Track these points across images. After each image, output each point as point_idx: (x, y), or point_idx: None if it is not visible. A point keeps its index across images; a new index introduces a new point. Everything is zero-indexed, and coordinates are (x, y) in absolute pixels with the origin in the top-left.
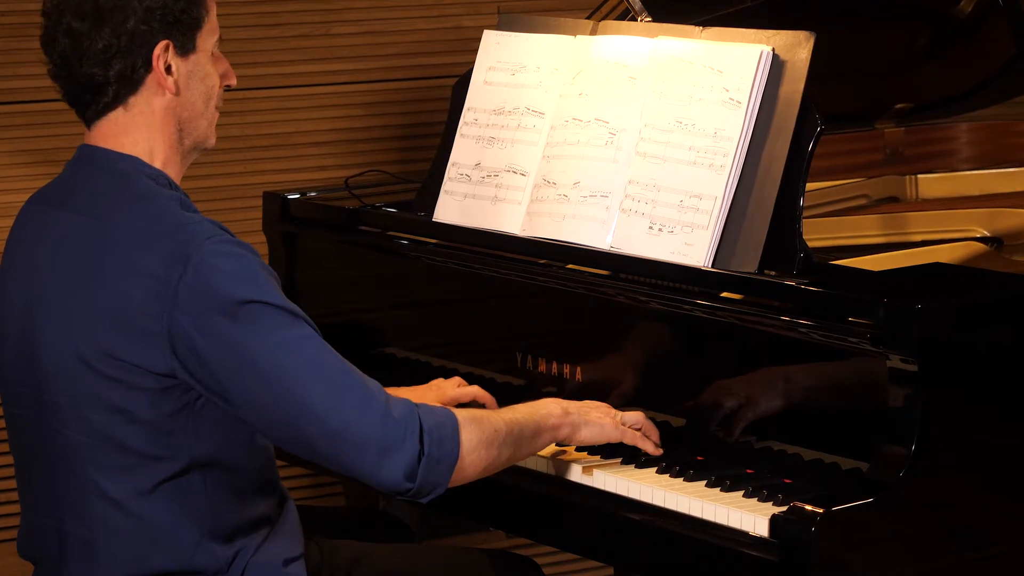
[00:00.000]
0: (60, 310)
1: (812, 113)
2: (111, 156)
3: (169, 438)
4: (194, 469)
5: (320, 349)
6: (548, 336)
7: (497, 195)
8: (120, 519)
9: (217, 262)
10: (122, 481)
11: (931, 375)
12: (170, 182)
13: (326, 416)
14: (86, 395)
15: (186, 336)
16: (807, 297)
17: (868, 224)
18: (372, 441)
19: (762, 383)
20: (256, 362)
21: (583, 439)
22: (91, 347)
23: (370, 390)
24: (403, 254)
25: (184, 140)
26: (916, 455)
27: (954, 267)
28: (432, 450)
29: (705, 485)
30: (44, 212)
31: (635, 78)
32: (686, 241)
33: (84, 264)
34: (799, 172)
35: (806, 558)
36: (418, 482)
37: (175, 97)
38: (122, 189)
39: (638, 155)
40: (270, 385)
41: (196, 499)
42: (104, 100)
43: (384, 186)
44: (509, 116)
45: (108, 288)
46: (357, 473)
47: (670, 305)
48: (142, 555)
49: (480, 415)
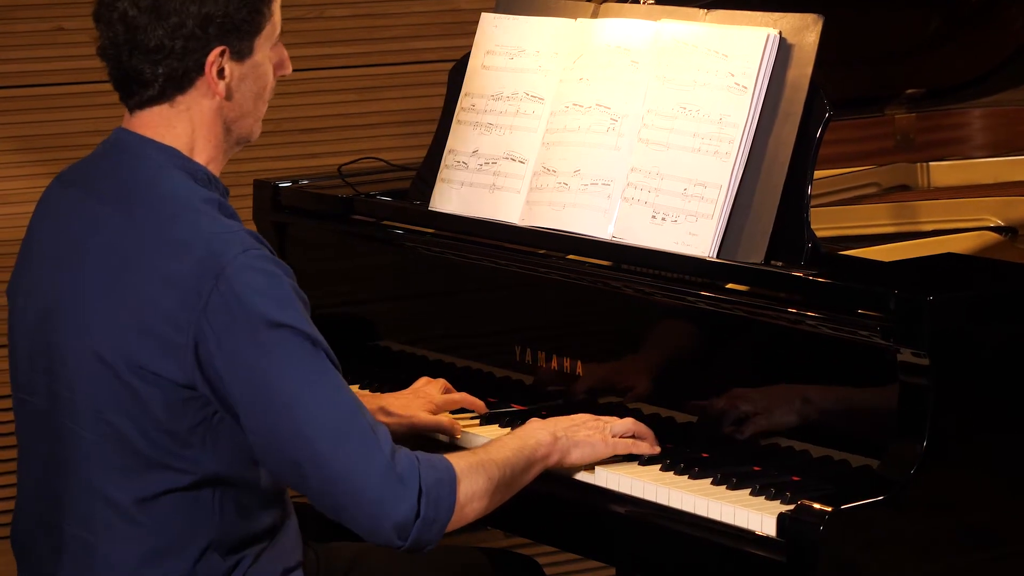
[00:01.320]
0: (85, 306)
1: (820, 98)
2: (149, 146)
3: (184, 450)
4: (205, 484)
5: (336, 388)
6: (548, 329)
7: (495, 183)
8: (123, 524)
9: (250, 278)
10: (128, 486)
11: (943, 369)
12: (209, 176)
13: (328, 459)
14: (103, 395)
15: (210, 349)
16: (815, 289)
17: (878, 213)
18: (369, 495)
19: (769, 377)
20: (270, 389)
21: (573, 462)
22: (113, 349)
23: (377, 440)
24: (398, 244)
25: (230, 138)
26: (928, 452)
27: (967, 258)
28: (428, 512)
29: (710, 483)
30: (74, 197)
31: (638, 62)
32: (690, 231)
33: (113, 262)
34: (807, 159)
35: (814, 558)
36: (410, 542)
37: (224, 101)
38: (157, 186)
39: (641, 142)
40: (277, 415)
41: (204, 512)
42: (148, 94)
43: (379, 174)
44: (508, 101)
45: (135, 292)
46: (348, 521)
47: (674, 297)
48: (141, 563)
49: (478, 463)
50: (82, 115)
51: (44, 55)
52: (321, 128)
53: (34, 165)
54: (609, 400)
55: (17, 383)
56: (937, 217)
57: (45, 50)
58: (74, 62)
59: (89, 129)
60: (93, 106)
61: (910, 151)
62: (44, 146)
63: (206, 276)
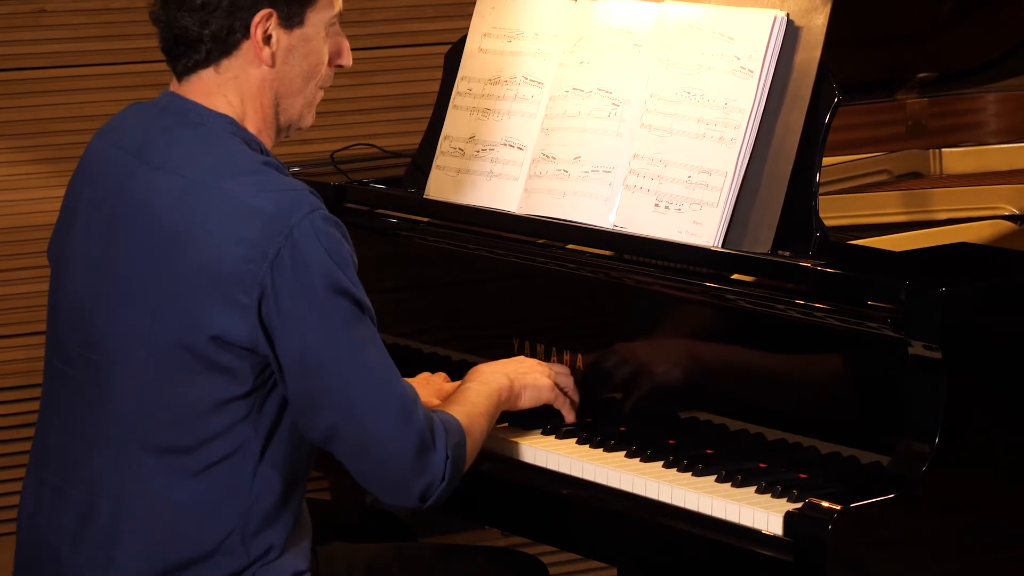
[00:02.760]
0: (140, 272)
1: (829, 82)
2: (203, 111)
3: (231, 417)
4: (246, 454)
5: (380, 354)
6: (547, 321)
7: (492, 170)
8: (154, 498)
9: (318, 239)
10: (170, 459)
11: (956, 363)
12: (262, 147)
13: (368, 424)
14: (154, 362)
15: (271, 304)
16: (824, 279)
17: (889, 201)
18: (405, 461)
19: (776, 371)
20: (319, 351)
21: (522, 406)
22: (172, 314)
23: (415, 406)
24: (392, 233)
25: (279, 117)
26: (940, 448)
27: (981, 247)
28: (452, 475)
29: (715, 480)
30: (125, 161)
31: (640, 45)
32: (694, 219)
33: (173, 224)
34: (815, 146)
35: (822, 557)
36: (429, 502)
37: (271, 69)
38: (217, 150)
39: (643, 128)
40: (323, 377)
41: (239, 486)
42: (196, 57)
43: (372, 161)
44: (505, 86)
45: (198, 253)
46: (373, 483)
47: (677, 288)
48: (163, 540)
49: (470, 419)
50: (65, 99)
51: (27, 38)
52: None
53: (13, 152)
54: (611, 396)
55: (55, 349)
56: (950, 205)
57: (28, 32)
58: (57, 45)
59: (73, 114)
60: (76, 90)
61: (922, 137)
62: (26, 132)
63: (275, 235)
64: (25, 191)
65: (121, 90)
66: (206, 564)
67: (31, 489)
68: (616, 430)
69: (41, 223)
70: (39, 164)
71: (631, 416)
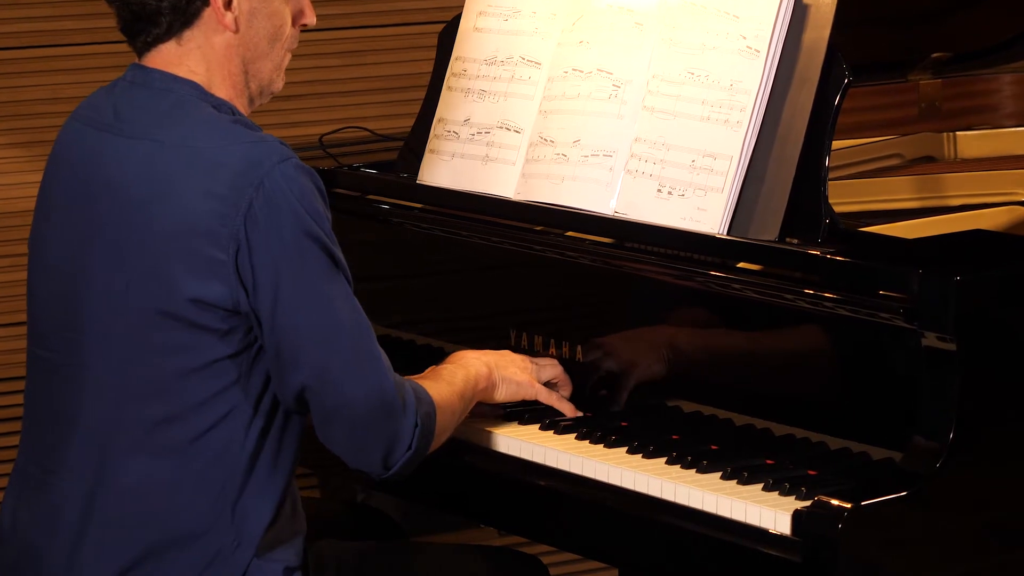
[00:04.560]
0: (114, 243)
1: (839, 63)
2: (169, 79)
3: (219, 381)
4: (236, 419)
5: (353, 310)
6: (545, 311)
7: (488, 154)
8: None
9: (288, 188)
10: (153, 434)
11: (971, 355)
12: (233, 110)
13: (338, 382)
14: (137, 336)
15: (246, 257)
16: (833, 268)
17: (901, 186)
18: (373, 422)
19: (783, 364)
20: (291, 302)
21: (499, 398)
22: (148, 280)
23: (386, 368)
24: (384, 220)
25: (250, 83)
26: (954, 444)
27: (997, 234)
28: (420, 444)
29: (720, 477)
30: (97, 137)
31: (642, 24)
32: (699, 205)
33: (147, 188)
34: (824, 129)
35: (832, 558)
36: (392, 472)
37: (235, 35)
38: (187, 114)
39: (645, 110)
40: (294, 331)
41: (228, 457)
42: (156, 31)
43: (363, 144)
44: (502, 66)
45: (170, 215)
46: (338, 444)
47: (680, 277)
48: (152, 518)
49: (445, 397)
50: (43, 81)
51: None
52: (301, 95)
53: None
54: (613, 389)
55: (35, 338)
56: (964, 191)
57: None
58: (33, 24)
59: (52, 96)
60: (54, 71)
61: (936, 120)
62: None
63: (246, 186)
64: (1, 176)
65: (100, 71)
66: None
67: (14, 486)
68: (617, 425)
69: (17, 210)
70: (16, 148)
71: (632, 411)
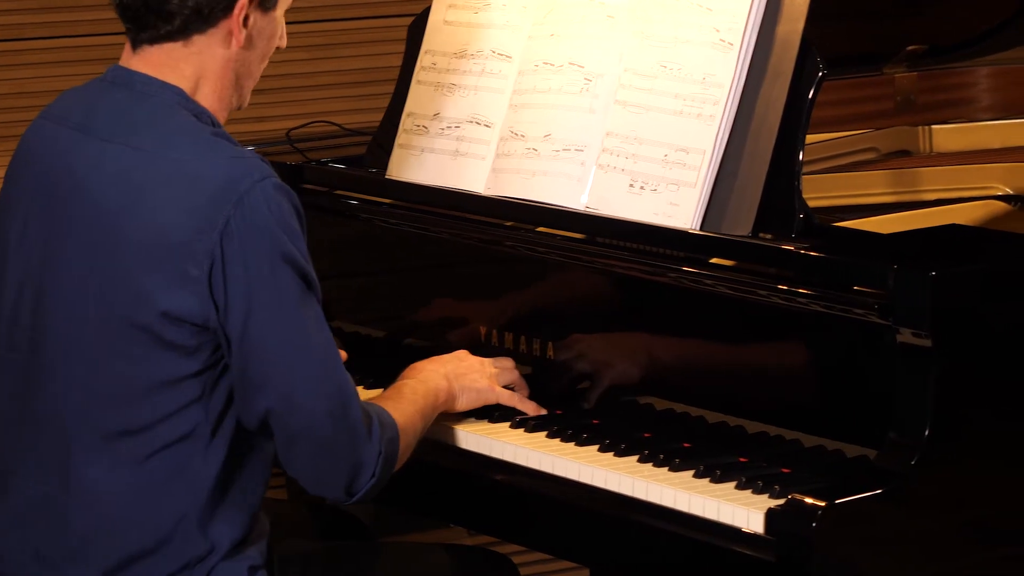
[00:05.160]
0: (85, 249)
1: (813, 56)
2: (152, 83)
3: (182, 397)
4: (197, 437)
5: (324, 337)
6: (515, 308)
7: (458, 149)
8: (100, 487)
9: (268, 207)
10: (116, 444)
11: (947, 351)
12: (213, 120)
13: (304, 409)
14: (102, 344)
15: (220, 273)
16: (807, 263)
17: (876, 181)
18: (338, 450)
19: (757, 360)
20: (264, 325)
21: (460, 408)
22: (119, 290)
23: (352, 394)
24: (352, 216)
25: (233, 97)
26: (930, 441)
27: (973, 229)
28: (383, 473)
29: (692, 475)
30: (68, 136)
31: (614, 17)
32: (671, 200)
33: (119, 196)
34: (798, 123)
35: (806, 556)
36: (355, 498)
37: (239, 51)
38: (164, 121)
39: (617, 104)
40: (264, 352)
41: (189, 471)
42: (167, 28)
43: (331, 139)
44: (472, 60)
45: (145, 226)
46: (300, 470)
47: (653, 273)
48: (118, 528)
49: (407, 419)
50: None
51: None
52: (268, 89)
53: None
54: (583, 386)
55: (1, 339)
56: (940, 185)
57: None
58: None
59: (15, 91)
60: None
61: (911, 113)
62: None
63: (224, 203)
64: None
65: (66, 64)
66: (162, 553)
67: None
68: (589, 423)
69: None
70: None
71: (604, 408)
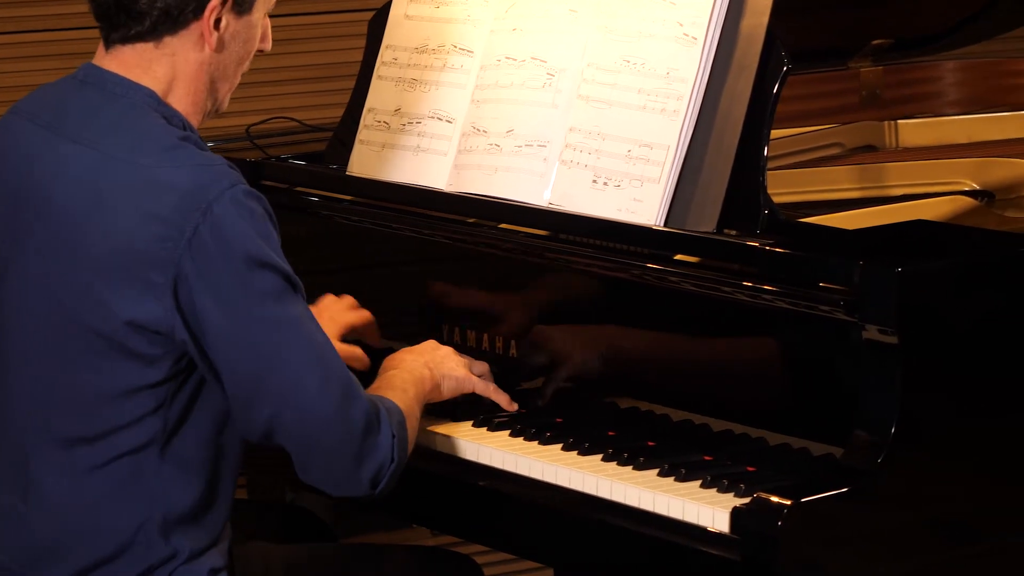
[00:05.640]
0: (47, 253)
1: (778, 50)
2: (124, 83)
3: (140, 407)
4: (153, 447)
5: (316, 332)
6: (478, 305)
7: (420, 145)
8: (56, 494)
9: (238, 214)
10: (72, 451)
11: (913, 348)
12: (185, 123)
13: (312, 409)
14: (60, 348)
15: (191, 287)
16: (772, 259)
17: (841, 176)
18: (353, 445)
19: (722, 358)
20: (253, 333)
21: (443, 396)
22: (80, 297)
23: (356, 385)
24: (312, 213)
25: (208, 101)
26: (896, 439)
27: (939, 225)
28: (400, 456)
29: (657, 474)
30: (37, 134)
31: (576, 11)
32: (635, 196)
33: (84, 201)
34: (763, 118)
35: (772, 556)
36: (380, 488)
37: (212, 54)
38: (134, 124)
39: (580, 99)
40: (259, 361)
41: (146, 481)
42: (137, 29)
43: (291, 135)
44: (433, 55)
45: (108, 233)
46: (318, 474)
47: (616, 270)
48: (75, 536)
49: (406, 405)
50: None
51: None
52: None
53: None
54: (547, 384)
55: None
56: (906, 180)
57: None
58: None
59: None
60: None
61: (877, 108)
62: None
63: (192, 211)
64: None
65: (32, 59)
66: (123, 559)
67: None
68: (552, 421)
69: None
70: None
71: (568, 406)
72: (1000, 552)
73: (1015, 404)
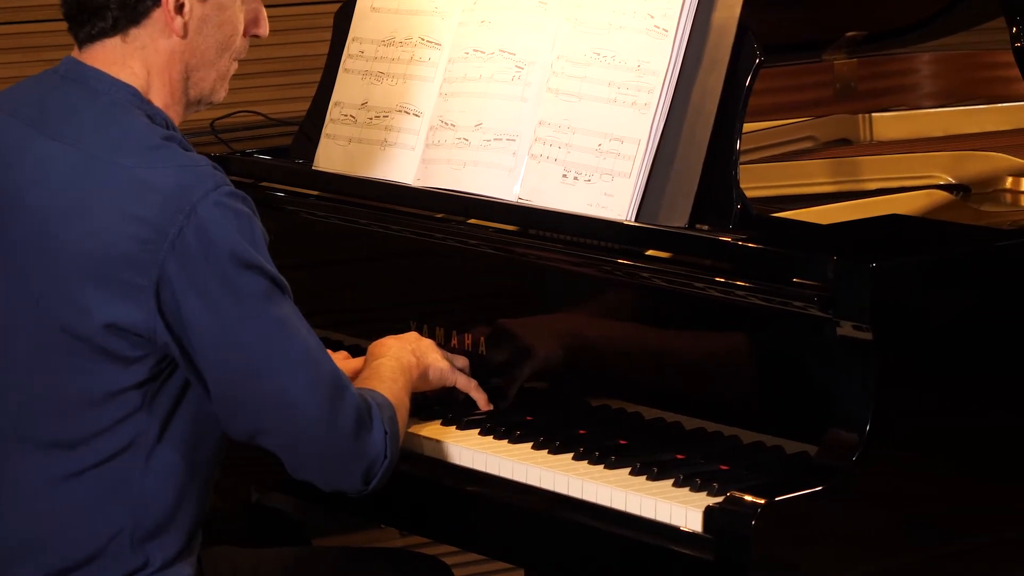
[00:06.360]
0: (26, 253)
1: (750, 42)
2: (106, 80)
3: (121, 410)
4: (136, 450)
5: (306, 333)
6: (447, 301)
7: (387, 139)
8: (34, 499)
9: (223, 216)
10: (52, 456)
11: (888, 344)
12: (167, 121)
13: (303, 408)
14: (39, 351)
15: (175, 290)
16: (745, 255)
17: (815, 170)
18: (345, 443)
19: (695, 355)
20: (240, 336)
21: (429, 385)
22: (60, 299)
23: (345, 382)
24: (278, 208)
25: (189, 91)
26: (871, 437)
27: (914, 219)
28: (392, 451)
29: (629, 473)
30: (18, 131)
31: (545, 3)
32: (605, 191)
33: (64, 201)
34: (735, 111)
35: (745, 555)
36: (372, 485)
37: (182, 41)
38: (116, 122)
39: (549, 92)
40: (248, 363)
41: (128, 486)
42: (101, 25)
43: (256, 129)
44: (401, 47)
45: (90, 234)
46: (312, 470)
47: (587, 265)
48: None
49: (395, 397)
50: None
51: None
52: None
53: None
54: (517, 382)
55: None
56: (881, 174)
57: None
58: None
59: None
60: None
61: (851, 101)
62: None
63: (175, 213)
64: None
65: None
66: (93, 566)
67: None
68: (522, 420)
69: None
70: None
71: (538, 404)
72: (975, 551)
73: (991, 400)
